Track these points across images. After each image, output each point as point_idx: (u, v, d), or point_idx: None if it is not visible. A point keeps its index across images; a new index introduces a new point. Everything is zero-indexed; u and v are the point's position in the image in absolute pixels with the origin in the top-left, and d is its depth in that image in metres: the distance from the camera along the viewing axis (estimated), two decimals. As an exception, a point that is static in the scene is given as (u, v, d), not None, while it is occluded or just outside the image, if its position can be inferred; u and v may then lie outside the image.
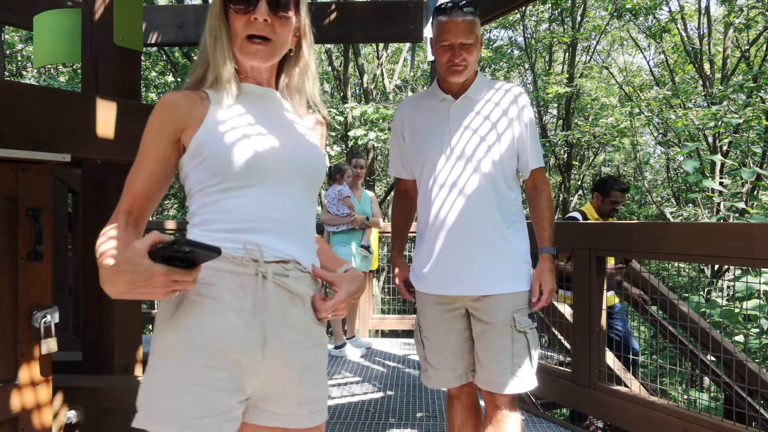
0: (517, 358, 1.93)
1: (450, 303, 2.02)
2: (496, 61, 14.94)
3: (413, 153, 2.07)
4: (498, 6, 3.53)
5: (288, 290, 1.17)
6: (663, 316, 3.76)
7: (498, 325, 1.94)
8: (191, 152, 1.19)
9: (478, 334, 2.00)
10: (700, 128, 10.09)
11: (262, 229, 1.16)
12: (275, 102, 1.30)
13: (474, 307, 1.99)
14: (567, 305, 3.57)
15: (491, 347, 1.95)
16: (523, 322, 1.95)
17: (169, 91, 11.43)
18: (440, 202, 1.98)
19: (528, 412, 3.46)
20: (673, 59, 14.11)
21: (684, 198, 13.87)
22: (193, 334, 1.10)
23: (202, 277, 1.09)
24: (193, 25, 4.11)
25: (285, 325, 1.17)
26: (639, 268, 3.74)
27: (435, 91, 2.07)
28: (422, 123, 2.06)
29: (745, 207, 7.07)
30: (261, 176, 1.17)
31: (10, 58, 12.07)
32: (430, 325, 2.06)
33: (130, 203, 1.18)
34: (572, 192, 15.22)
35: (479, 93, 2.02)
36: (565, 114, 14.38)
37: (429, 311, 2.06)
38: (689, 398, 4.51)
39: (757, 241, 2.35)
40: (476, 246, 1.95)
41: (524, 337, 1.95)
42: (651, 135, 16.09)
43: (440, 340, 2.05)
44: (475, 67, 2.01)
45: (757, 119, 8.37)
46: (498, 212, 1.96)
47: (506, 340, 1.93)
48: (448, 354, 2.05)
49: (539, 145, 2.08)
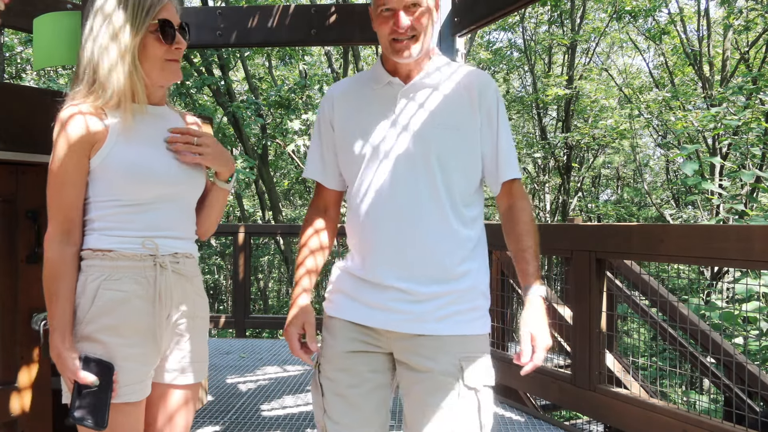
0: (461, 422, 1.41)
1: (371, 337, 1.48)
2: (495, 63, 14.94)
3: (345, 153, 1.55)
4: (497, 8, 3.53)
5: (180, 274, 1.47)
6: (663, 318, 3.76)
7: (437, 375, 1.41)
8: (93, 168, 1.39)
9: (408, 387, 1.46)
10: (699, 130, 10.08)
11: (156, 236, 1.42)
12: (163, 118, 1.51)
13: (404, 349, 1.45)
14: (567, 307, 3.57)
15: (424, 407, 1.42)
16: (475, 375, 1.43)
17: (169, 93, 11.39)
18: (377, 216, 1.48)
19: (528, 414, 3.45)
20: (673, 61, 14.12)
21: (683, 200, 13.86)
22: (110, 321, 1.35)
23: (112, 274, 1.37)
24: (193, 28, 4.09)
25: (179, 301, 1.46)
26: (639, 270, 3.74)
27: (377, 72, 1.55)
28: (359, 114, 1.54)
29: (745, 209, 7.08)
30: (153, 196, 1.41)
31: (9, 61, 12.06)
32: (338, 360, 1.49)
33: (64, 218, 1.38)
34: (572, 194, 15.21)
35: (435, 77, 1.52)
36: (564, 116, 14.38)
37: (339, 343, 1.50)
38: (689, 400, 4.50)
39: (757, 243, 2.35)
40: (422, 272, 1.44)
41: (474, 396, 1.43)
42: (650, 137, 16.10)
43: (349, 378, 1.48)
44: (429, 41, 1.49)
45: (756, 121, 8.36)
46: (453, 231, 1.47)
47: (448, 396, 1.41)
48: (359, 398, 1.47)
49: (514, 151, 1.55)
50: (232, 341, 5.61)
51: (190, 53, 10.70)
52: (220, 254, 13.61)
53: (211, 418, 3.35)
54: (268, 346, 5.32)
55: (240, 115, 10.27)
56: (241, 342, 5.50)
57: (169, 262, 1.43)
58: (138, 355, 1.39)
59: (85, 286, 1.36)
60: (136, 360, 1.38)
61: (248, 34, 4.11)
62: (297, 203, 17.91)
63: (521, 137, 16.00)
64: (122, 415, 1.37)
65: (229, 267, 12.90)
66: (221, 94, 10.85)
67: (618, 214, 14.89)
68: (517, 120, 17.32)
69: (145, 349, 1.40)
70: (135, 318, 1.37)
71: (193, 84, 10.28)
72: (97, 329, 1.35)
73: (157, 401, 1.49)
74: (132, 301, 1.37)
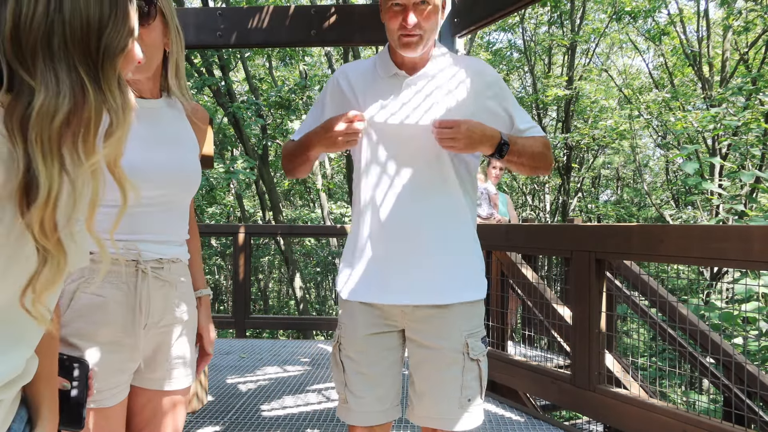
0: (467, 390, 1.63)
1: (386, 318, 1.67)
2: (495, 64, 14.95)
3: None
4: (497, 9, 3.54)
5: (164, 280, 1.40)
6: (662, 318, 3.76)
7: (447, 351, 1.62)
8: None
9: (418, 363, 1.66)
10: (699, 131, 10.09)
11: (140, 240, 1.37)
12: (155, 113, 1.42)
13: (416, 329, 1.65)
14: (566, 308, 3.58)
15: (436, 377, 1.63)
16: (477, 348, 1.65)
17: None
18: (383, 196, 1.64)
19: (527, 414, 3.46)
20: (672, 62, 14.13)
21: (683, 200, 13.88)
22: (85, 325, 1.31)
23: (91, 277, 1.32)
24: (193, 28, 4.11)
25: (161, 307, 1.41)
26: (638, 270, 3.74)
27: (385, 61, 1.67)
28: (369, 98, 1.66)
29: (744, 209, 7.08)
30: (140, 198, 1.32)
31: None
32: (357, 341, 1.67)
33: None
34: (572, 195, 15.22)
35: (438, 69, 1.66)
36: (564, 117, 14.39)
37: (358, 324, 1.67)
38: (689, 400, 4.51)
39: (756, 244, 2.35)
40: (433, 249, 1.61)
41: (477, 366, 1.65)
42: (650, 137, 16.12)
43: (367, 358, 1.66)
44: (434, 37, 1.63)
45: (756, 122, 8.37)
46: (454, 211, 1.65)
47: (456, 369, 1.62)
48: (377, 376, 1.67)
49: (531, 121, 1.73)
50: (232, 341, 5.61)
51: (191, 54, 10.70)
52: (221, 254, 13.62)
53: (211, 418, 3.35)
54: (268, 346, 5.32)
55: (240, 115, 10.28)
56: (241, 342, 5.51)
57: (152, 268, 1.38)
58: (114, 361, 1.35)
59: (63, 287, 1.32)
60: (111, 366, 1.35)
61: (248, 34, 4.12)
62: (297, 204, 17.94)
63: (521, 138, 15.99)
64: (101, 419, 1.35)
65: (229, 267, 12.90)
66: (222, 95, 10.86)
67: (618, 215, 14.92)
68: (517, 120, 17.32)
69: (122, 356, 1.37)
70: (111, 324, 1.34)
71: (194, 84, 10.28)
72: (72, 333, 1.31)
73: (144, 408, 1.48)
74: (109, 307, 1.33)
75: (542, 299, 3.82)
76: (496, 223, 4.77)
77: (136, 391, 1.47)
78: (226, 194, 14.64)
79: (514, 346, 4.83)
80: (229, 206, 15.15)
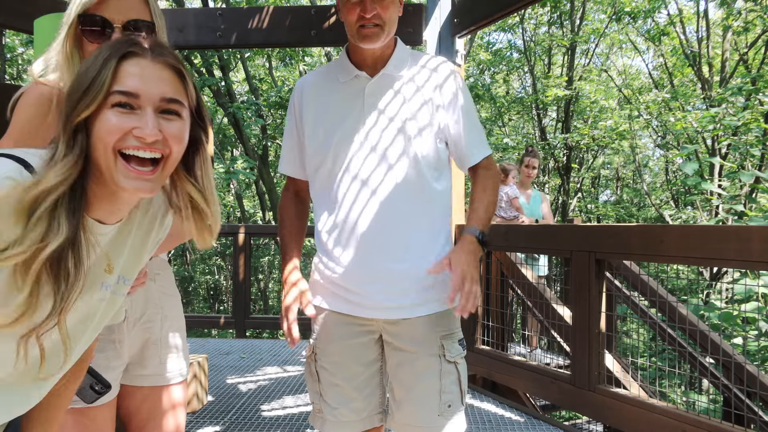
0: (446, 395, 1.57)
1: (362, 325, 1.60)
2: (495, 64, 14.96)
3: (315, 145, 1.61)
4: (497, 9, 3.54)
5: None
6: (662, 318, 3.77)
7: (422, 355, 1.57)
8: None
9: (395, 366, 1.61)
10: (698, 131, 10.10)
11: None
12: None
13: (391, 332, 1.59)
14: (566, 308, 3.58)
15: (413, 381, 1.57)
16: (454, 350, 1.59)
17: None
18: (350, 204, 1.57)
19: (527, 414, 3.46)
20: (672, 62, 14.13)
21: (683, 201, 13.87)
22: None
23: None
24: (193, 29, 4.12)
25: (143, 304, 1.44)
26: (638, 270, 3.74)
27: (344, 65, 1.61)
28: (328, 107, 1.61)
29: (744, 209, 7.08)
30: None
31: (10, 62, 12.07)
32: (332, 351, 1.61)
33: None
34: (571, 195, 15.23)
35: (401, 68, 1.60)
36: (564, 117, 14.39)
37: (332, 333, 1.61)
38: (688, 400, 4.51)
39: (756, 244, 2.36)
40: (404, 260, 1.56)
41: (455, 369, 1.59)
42: (650, 138, 16.11)
43: (343, 371, 1.60)
44: (393, 31, 1.58)
45: (755, 122, 8.37)
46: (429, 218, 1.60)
47: (433, 372, 1.57)
48: (352, 391, 1.61)
49: (481, 132, 1.65)
50: (232, 342, 5.61)
51: (191, 54, 10.71)
52: (221, 255, 13.61)
53: (211, 418, 3.35)
54: (268, 346, 5.32)
55: (240, 115, 10.29)
56: (241, 342, 5.51)
57: None
58: (98, 359, 1.35)
59: None
60: (97, 366, 1.34)
61: (248, 35, 4.13)
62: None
63: (521, 138, 16.01)
64: (86, 419, 1.35)
65: (229, 267, 12.90)
66: (222, 95, 10.86)
67: (617, 215, 14.92)
68: (517, 121, 17.34)
69: (107, 354, 1.37)
70: None
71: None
72: None
73: (141, 406, 1.47)
74: None
75: (542, 299, 3.83)
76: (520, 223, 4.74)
77: (130, 391, 1.47)
78: (226, 194, 14.65)
79: (514, 346, 4.84)
80: (229, 206, 15.15)
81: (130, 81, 0.93)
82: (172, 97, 0.96)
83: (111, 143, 0.92)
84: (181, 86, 0.99)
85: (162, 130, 0.94)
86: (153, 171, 0.95)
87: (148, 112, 0.94)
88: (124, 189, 0.95)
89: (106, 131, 0.92)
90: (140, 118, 0.93)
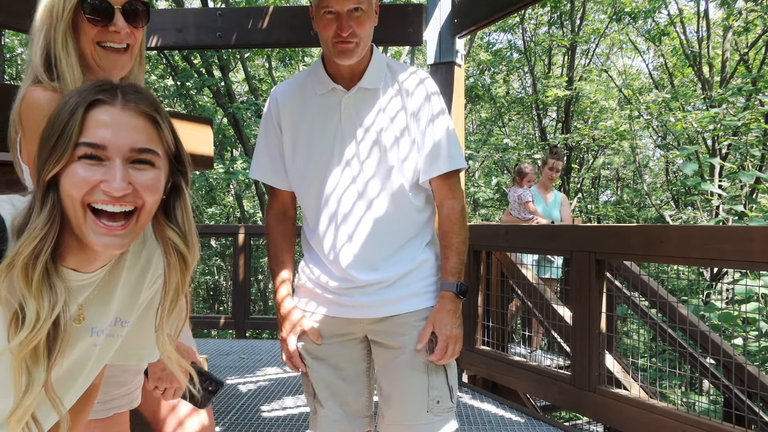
0: (435, 390, 1.56)
1: (344, 328, 1.63)
2: (495, 65, 14.95)
3: (295, 158, 1.64)
4: (497, 9, 3.54)
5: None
6: (662, 319, 3.76)
7: (408, 351, 1.56)
8: None
9: (383, 364, 1.61)
10: (699, 131, 10.09)
11: None
12: None
13: (375, 331, 1.61)
14: (566, 308, 3.57)
15: (401, 378, 1.57)
16: None
17: (169, 94, 11.43)
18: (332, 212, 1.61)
19: (527, 415, 3.46)
20: (672, 62, 14.13)
21: (683, 201, 13.87)
22: None
23: None
24: (193, 29, 4.11)
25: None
26: (638, 270, 3.74)
27: (321, 77, 1.62)
28: (306, 119, 1.62)
29: (744, 210, 7.08)
30: None
31: (9, 62, 12.07)
32: (321, 356, 1.64)
33: None
34: (572, 195, 15.22)
35: (377, 81, 1.61)
36: (564, 117, 14.38)
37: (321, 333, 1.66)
38: (689, 401, 4.51)
39: (756, 244, 2.35)
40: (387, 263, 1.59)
41: (442, 366, 1.59)
42: (650, 138, 16.10)
43: (333, 373, 1.64)
44: (368, 44, 1.58)
45: (756, 122, 8.37)
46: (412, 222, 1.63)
47: (420, 368, 1.56)
48: (341, 382, 1.64)
49: (452, 144, 1.62)
50: (232, 342, 5.61)
51: (191, 54, 10.71)
52: (220, 255, 13.61)
53: (211, 419, 3.35)
54: (268, 347, 5.32)
55: (240, 116, 10.28)
56: (241, 343, 5.50)
57: None
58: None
59: None
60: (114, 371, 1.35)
61: (248, 35, 4.12)
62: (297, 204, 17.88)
63: (521, 138, 16.00)
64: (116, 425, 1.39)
65: (229, 268, 12.90)
66: (221, 96, 10.86)
67: (618, 215, 14.90)
68: (517, 121, 17.33)
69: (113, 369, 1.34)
70: None
71: (193, 85, 10.29)
72: None
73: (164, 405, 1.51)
74: None
75: (542, 300, 3.82)
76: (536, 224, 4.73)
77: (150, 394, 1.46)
78: (226, 195, 14.64)
79: (514, 347, 4.83)
80: (228, 207, 15.14)
81: (97, 132, 0.88)
82: (143, 147, 0.92)
83: (78, 198, 0.88)
84: (155, 134, 0.94)
85: (132, 182, 0.90)
86: (124, 226, 0.91)
87: (117, 164, 0.89)
88: (94, 246, 0.91)
89: (72, 185, 0.88)
90: (108, 171, 0.89)
